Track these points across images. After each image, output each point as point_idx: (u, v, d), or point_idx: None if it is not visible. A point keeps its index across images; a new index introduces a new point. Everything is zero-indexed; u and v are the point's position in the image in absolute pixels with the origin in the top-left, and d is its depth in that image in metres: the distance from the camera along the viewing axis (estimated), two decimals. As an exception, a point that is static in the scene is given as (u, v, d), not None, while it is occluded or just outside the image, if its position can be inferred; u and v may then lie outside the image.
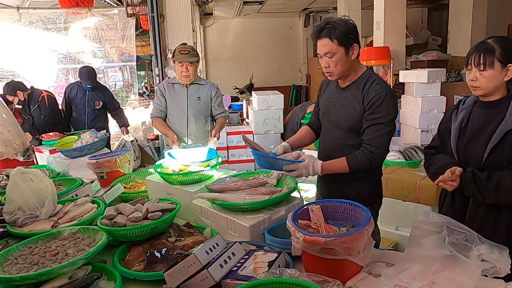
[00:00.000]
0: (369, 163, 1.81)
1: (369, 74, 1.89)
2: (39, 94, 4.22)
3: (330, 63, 1.81)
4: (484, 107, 1.62)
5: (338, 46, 1.77)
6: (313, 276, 1.19)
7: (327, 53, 1.79)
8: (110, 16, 5.78)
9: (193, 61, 3.08)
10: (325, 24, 1.78)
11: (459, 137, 1.67)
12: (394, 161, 3.44)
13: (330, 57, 1.79)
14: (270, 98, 5.46)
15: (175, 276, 1.22)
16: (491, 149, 1.53)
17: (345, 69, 1.83)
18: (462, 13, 6.61)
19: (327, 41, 1.77)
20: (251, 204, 1.65)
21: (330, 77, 1.89)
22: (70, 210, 1.77)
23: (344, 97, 1.91)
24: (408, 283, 1.28)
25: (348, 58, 1.81)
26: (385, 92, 1.79)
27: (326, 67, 1.83)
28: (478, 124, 1.62)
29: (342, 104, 1.92)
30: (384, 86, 1.84)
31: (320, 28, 1.79)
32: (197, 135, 3.23)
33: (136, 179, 2.49)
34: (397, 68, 5.79)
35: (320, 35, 1.79)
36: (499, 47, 1.50)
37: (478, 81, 1.55)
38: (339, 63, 1.80)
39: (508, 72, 1.52)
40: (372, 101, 1.80)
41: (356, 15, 8.24)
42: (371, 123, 1.81)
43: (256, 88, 8.68)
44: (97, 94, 4.41)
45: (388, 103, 1.79)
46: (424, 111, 4.73)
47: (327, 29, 1.76)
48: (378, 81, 1.85)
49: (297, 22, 12.16)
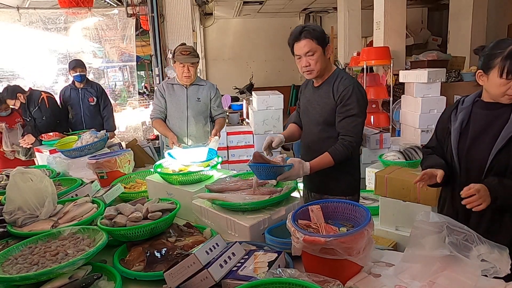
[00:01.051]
0: (349, 152, 1.98)
1: (338, 72, 2.10)
2: (38, 95, 4.21)
3: (310, 62, 1.99)
4: (486, 108, 1.58)
5: (317, 45, 1.97)
6: (313, 276, 1.19)
7: (307, 52, 1.97)
8: (110, 16, 5.77)
9: (195, 62, 3.08)
10: (302, 28, 1.99)
11: (460, 138, 1.63)
12: (394, 161, 3.44)
13: (311, 55, 1.98)
14: (270, 98, 5.46)
15: (175, 276, 1.22)
16: (496, 152, 1.50)
17: (323, 66, 2.03)
18: (462, 13, 6.61)
19: (307, 41, 1.96)
20: (251, 204, 1.65)
21: (309, 75, 2.05)
22: (70, 210, 1.77)
23: (318, 95, 2.11)
24: (408, 283, 1.28)
25: (325, 57, 2.02)
26: (352, 86, 1.99)
27: (306, 66, 2.01)
28: (481, 126, 1.58)
29: (317, 101, 2.12)
30: (351, 80, 2.03)
31: (299, 31, 1.98)
32: (196, 136, 3.23)
33: (136, 179, 2.49)
34: (397, 68, 5.79)
35: (300, 37, 1.97)
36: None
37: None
38: (319, 61, 1.99)
39: None
40: (342, 95, 2.00)
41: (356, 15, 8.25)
42: (344, 115, 2.00)
43: (256, 88, 8.68)
44: (89, 90, 4.40)
45: (357, 95, 1.99)
46: (424, 111, 4.74)
47: (306, 31, 1.96)
48: (346, 77, 2.06)
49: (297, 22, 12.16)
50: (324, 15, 11.86)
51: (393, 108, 5.93)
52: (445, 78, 5.04)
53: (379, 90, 5.99)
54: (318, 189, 2.21)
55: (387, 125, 5.87)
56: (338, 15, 8.71)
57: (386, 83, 6.17)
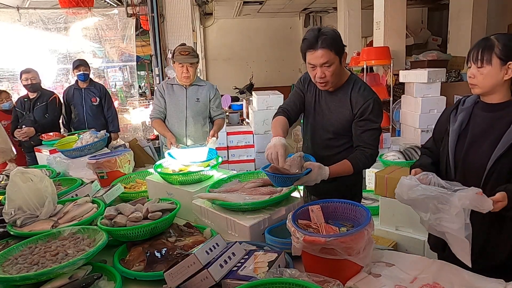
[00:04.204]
0: (369, 163, 1.93)
1: (355, 79, 1.95)
2: (50, 94, 4.23)
3: (326, 73, 1.81)
4: (487, 110, 1.51)
5: (335, 55, 1.78)
6: (313, 276, 1.19)
7: (325, 63, 1.78)
8: (110, 16, 5.78)
9: (194, 62, 3.07)
10: (318, 34, 1.75)
11: (458, 140, 1.56)
12: (394, 161, 3.44)
13: (328, 67, 1.79)
14: (270, 98, 5.46)
15: (175, 276, 1.22)
16: (496, 158, 1.42)
17: (338, 78, 1.88)
18: (462, 13, 6.61)
19: (324, 52, 1.75)
20: (251, 204, 1.65)
21: (324, 87, 1.89)
22: (70, 210, 1.77)
23: (331, 101, 1.96)
24: (408, 283, 1.28)
25: (341, 67, 1.86)
26: (373, 99, 1.88)
27: (322, 77, 1.82)
28: (480, 128, 1.51)
29: (329, 107, 1.97)
30: (370, 92, 1.92)
31: (315, 38, 1.75)
32: (195, 136, 3.23)
33: (136, 179, 2.49)
34: (397, 68, 5.79)
35: (316, 45, 1.75)
36: (499, 43, 1.41)
37: (476, 78, 1.46)
38: (335, 72, 1.82)
39: (508, 70, 1.41)
40: (362, 108, 1.88)
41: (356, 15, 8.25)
42: (365, 128, 1.90)
43: (256, 88, 8.68)
44: (92, 91, 4.40)
45: (378, 109, 1.91)
46: (424, 111, 4.74)
47: (323, 39, 1.74)
48: (364, 87, 1.92)
49: (297, 22, 12.16)
50: (324, 15, 11.86)
51: (393, 108, 5.94)
52: (445, 78, 5.04)
53: (379, 90, 5.97)
54: (318, 193, 2.14)
55: (387, 125, 5.86)
56: (338, 15, 8.71)
57: (386, 83, 6.17)
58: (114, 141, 4.36)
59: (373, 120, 1.90)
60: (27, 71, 4.07)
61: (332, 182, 1.93)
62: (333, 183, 1.94)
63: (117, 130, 4.59)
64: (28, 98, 4.13)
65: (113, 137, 4.45)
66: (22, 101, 4.14)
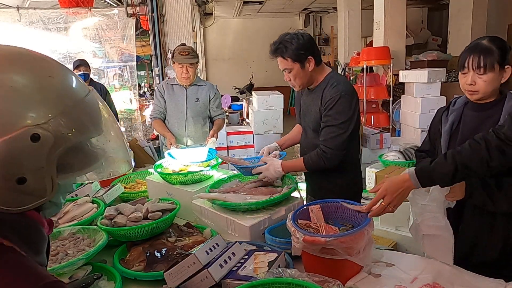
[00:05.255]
0: (322, 163, 1.90)
1: (330, 77, 1.96)
2: None
3: (290, 77, 1.94)
4: (476, 110, 1.52)
5: (293, 62, 1.88)
6: (313, 276, 1.20)
7: (285, 69, 1.92)
8: (110, 16, 5.77)
9: (193, 63, 3.07)
10: (278, 44, 1.88)
11: (450, 141, 1.57)
12: (394, 161, 3.44)
13: (289, 72, 1.92)
14: (270, 98, 5.46)
15: (175, 276, 1.22)
16: None
17: (305, 80, 1.95)
18: (462, 13, 6.61)
19: (280, 60, 1.90)
20: (251, 204, 1.65)
21: (294, 88, 2.03)
22: (70, 210, 1.77)
23: (310, 99, 2.04)
24: (408, 283, 1.28)
25: (305, 71, 1.91)
26: (339, 95, 1.85)
27: (288, 81, 1.97)
28: (470, 128, 1.52)
29: (309, 105, 2.05)
30: (340, 88, 1.87)
31: (274, 48, 1.90)
32: (195, 137, 3.23)
33: (136, 179, 2.49)
34: (397, 68, 5.79)
35: (275, 54, 1.91)
36: (497, 49, 1.41)
37: (477, 85, 1.44)
38: (298, 77, 1.93)
39: (504, 74, 1.43)
40: (326, 104, 1.89)
41: (356, 15, 8.25)
42: (325, 124, 1.91)
43: (256, 88, 8.68)
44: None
45: (340, 106, 1.85)
46: (424, 111, 4.73)
47: (279, 49, 1.87)
48: (336, 84, 1.90)
49: (297, 22, 12.15)
50: (324, 15, 11.87)
51: (393, 108, 5.94)
52: (445, 78, 5.04)
53: (379, 90, 5.99)
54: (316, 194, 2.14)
55: (387, 125, 5.87)
56: (338, 15, 8.71)
57: (386, 83, 6.17)
58: None
59: (333, 116, 1.86)
60: None
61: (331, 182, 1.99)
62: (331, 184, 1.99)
63: None
64: None
65: None
66: None
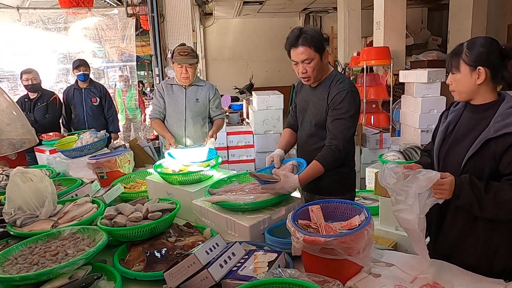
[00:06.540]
0: (336, 155, 1.94)
1: (335, 74, 2.05)
2: (51, 94, 4.23)
3: (307, 69, 1.96)
4: (473, 111, 1.50)
5: (315, 52, 1.92)
6: (313, 276, 1.20)
7: (305, 60, 1.93)
8: (110, 16, 5.77)
9: (193, 63, 3.06)
10: (299, 33, 1.92)
11: (443, 141, 1.57)
12: (394, 161, 3.44)
13: (308, 63, 1.94)
14: (270, 98, 5.46)
15: (175, 276, 1.22)
16: (468, 157, 1.40)
17: (320, 73, 2.01)
18: (462, 13, 6.61)
19: (304, 49, 1.91)
20: (251, 204, 1.65)
21: (307, 81, 2.04)
22: (70, 210, 1.77)
23: (314, 96, 2.08)
24: (408, 283, 1.28)
25: (322, 63, 1.99)
26: (346, 90, 1.95)
27: (303, 73, 1.98)
28: (464, 129, 1.51)
29: (313, 102, 2.09)
30: (346, 85, 1.99)
31: (296, 36, 1.92)
32: (195, 137, 3.22)
33: (136, 179, 2.49)
34: (397, 68, 5.79)
35: (297, 43, 1.92)
36: (467, 50, 1.41)
37: (453, 85, 1.49)
38: (316, 68, 1.96)
39: (479, 75, 1.39)
40: (334, 98, 1.96)
41: (356, 15, 8.25)
42: (334, 118, 1.96)
43: (256, 88, 8.68)
44: (93, 91, 4.40)
45: (349, 100, 1.95)
46: (424, 111, 4.74)
47: (303, 37, 1.90)
48: (342, 80, 2.01)
49: (297, 22, 12.16)
50: (324, 15, 11.87)
51: (393, 108, 5.94)
52: (445, 78, 5.03)
53: (379, 90, 6.00)
54: (310, 189, 2.15)
55: (387, 125, 5.87)
56: (338, 15, 8.71)
57: (386, 83, 6.18)
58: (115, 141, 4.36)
59: (342, 109, 1.94)
60: (28, 71, 4.07)
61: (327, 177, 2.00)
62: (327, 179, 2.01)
63: (117, 130, 4.59)
64: (29, 98, 4.12)
65: (113, 137, 4.45)
66: (22, 101, 4.13)
